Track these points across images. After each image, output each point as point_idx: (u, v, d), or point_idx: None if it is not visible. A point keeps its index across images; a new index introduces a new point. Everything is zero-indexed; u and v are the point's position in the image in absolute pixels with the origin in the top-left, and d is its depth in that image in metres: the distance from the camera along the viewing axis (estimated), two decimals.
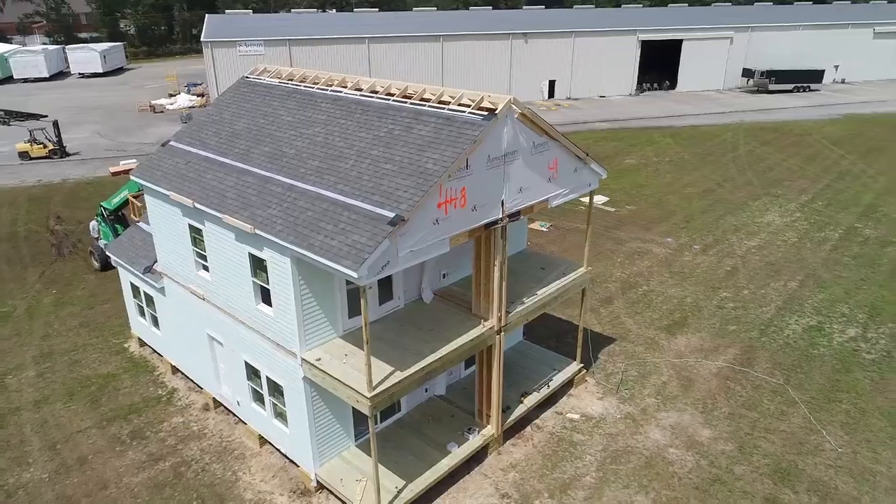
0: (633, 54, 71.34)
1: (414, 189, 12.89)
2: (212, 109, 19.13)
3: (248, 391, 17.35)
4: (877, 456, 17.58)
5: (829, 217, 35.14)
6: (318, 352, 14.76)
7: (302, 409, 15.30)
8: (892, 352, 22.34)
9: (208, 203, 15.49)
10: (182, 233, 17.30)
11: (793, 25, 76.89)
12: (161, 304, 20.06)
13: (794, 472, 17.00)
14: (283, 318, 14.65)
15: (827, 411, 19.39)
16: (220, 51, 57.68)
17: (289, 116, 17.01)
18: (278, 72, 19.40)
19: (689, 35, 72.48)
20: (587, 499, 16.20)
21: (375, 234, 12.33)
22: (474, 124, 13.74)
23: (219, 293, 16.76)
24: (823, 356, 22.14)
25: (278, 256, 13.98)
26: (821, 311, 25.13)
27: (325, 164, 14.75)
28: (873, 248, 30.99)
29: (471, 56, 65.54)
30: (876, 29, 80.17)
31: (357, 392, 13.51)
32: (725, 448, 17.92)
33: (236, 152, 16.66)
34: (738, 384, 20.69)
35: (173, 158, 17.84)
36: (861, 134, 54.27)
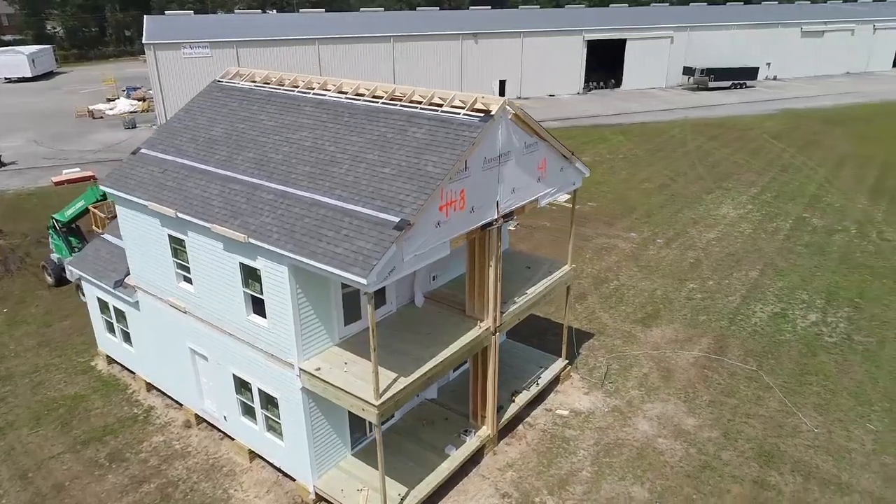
0: (579, 54, 72.83)
1: (417, 193, 12.75)
2: (183, 115, 18.41)
3: (236, 405, 16.79)
4: (850, 434, 18.51)
5: (778, 208, 36.79)
6: (316, 361, 14.43)
7: (299, 421, 14.92)
8: (852, 335, 23.57)
9: (193, 212, 14.90)
10: (161, 244, 16.59)
11: (727, 25, 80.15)
12: (134, 319, 19.18)
13: (776, 455, 17.71)
14: (278, 328, 14.24)
15: (799, 394, 20.28)
16: (164, 53, 55.64)
17: (271, 121, 16.55)
18: (252, 75, 18.86)
19: (632, 35, 74.52)
20: (586, 493, 16.43)
21: (381, 239, 12.14)
22: (471, 126, 13.71)
23: (203, 305, 16.15)
24: (790, 341, 23.16)
25: (274, 266, 13.58)
26: (782, 298, 26.28)
27: (317, 169, 14.42)
28: (822, 237, 32.62)
29: (422, 56, 65.46)
30: (803, 28, 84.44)
31: (363, 401, 13.28)
32: (711, 435, 18.51)
33: (218, 159, 16.09)
34: (714, 372, 21.40)
35: (147, 167, 17.08)
36: (797, 128, 57.06)
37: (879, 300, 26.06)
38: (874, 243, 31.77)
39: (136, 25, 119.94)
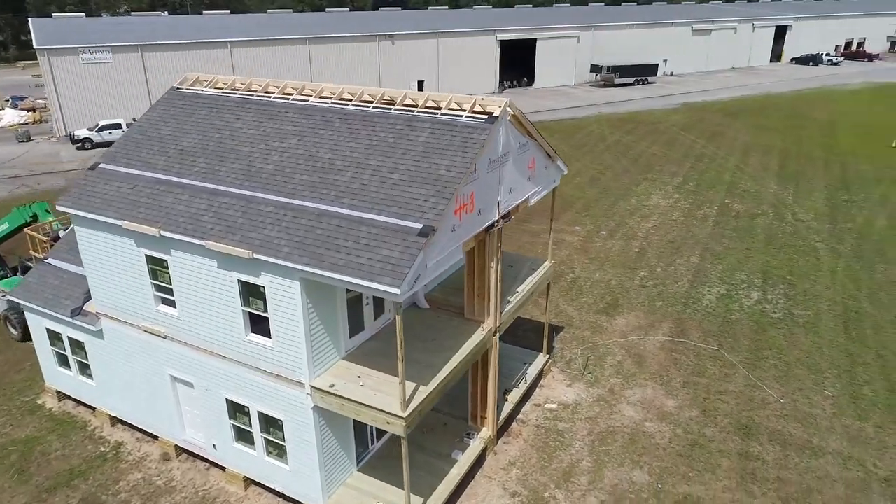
0: (493, 53, 74.24)
1: (435, 197, 12.55)
2: (144, 125, 17.10)
3: (229, 432, 15.83)
4: (811, 401, 20.07)
5: (702, 196, 39.23)
6: (327, 377, 13.87)
7: (309, 441, 14.30)
8: (791, 309, 25.56)
9: (180, 230, 13.88)
10: (135, 266, 15.33)
11: (627, 25, 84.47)
12: (97, 349, 17.62)
13: (753, 427, 18.90)
14: (287, 346, 13.57)
15: (760, 368, 21.75)
16: (60, 59, 51.36)
17: (251, 129, 15.70)
18: (215, 81, 17.82)
19: (541, 35, 76.86)
20: (591, 483, 16.83)
21: (408, 247, 11.85)
22: (478, 128, 13.66)
23: (190, 329, 15.09)
24: (741, 320, 24.78)
25: (283, 281, 12.91)
26: (724, 280, 28.06)
27: (316, 177, 13.85)
28: (746, 221, 35.12)
29: (339, 58, 64.35)
30: (693, 27, 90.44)
31: (388, 413, 12.92)
32: (691, 414, 19.48)
33: (198, 171, 15.08)
34: (681, 355, 22.53)
35: (111, 183, 15.73)
36: (702, 120, 61.05)
37: (807, 276, 28.40)
38: (791, 224, 34.59)
39: (10, 29, 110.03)
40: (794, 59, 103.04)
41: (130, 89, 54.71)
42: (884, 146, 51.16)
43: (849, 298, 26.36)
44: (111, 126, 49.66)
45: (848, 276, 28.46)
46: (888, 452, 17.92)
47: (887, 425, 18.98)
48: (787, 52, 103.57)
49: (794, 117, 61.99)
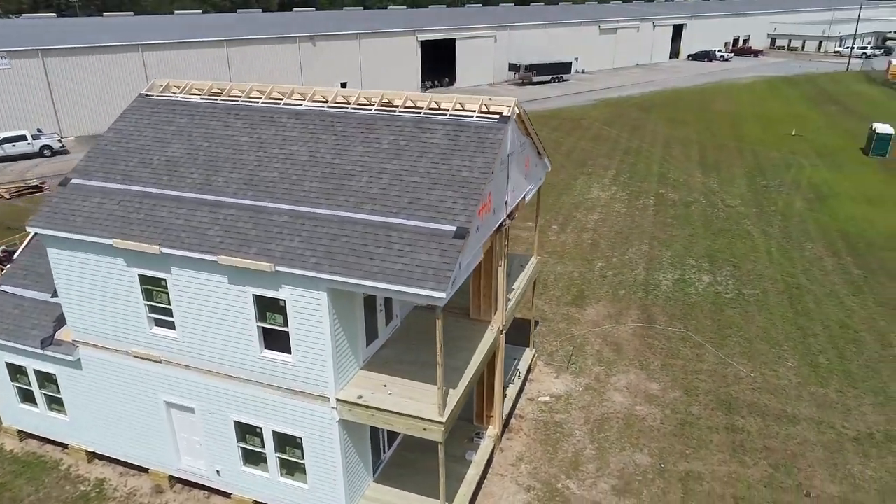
0: (414, 54, 74.27)
1: (464, 199, 12.49)
2: (114, 136, 15.86)
3: (236, 456, 15.03)
4: (777, 373, 21.58)
5: (637, 187, 41.12)
6: (350, 389, 13.48)
7: (333, 457, 13.85)
8: (741, 289, 27.34)
9: (184, 246, 13.02)
10: (125, 288, 14.22)
11: (541, 24, 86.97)
12: (72, 380, 16.20)
13: (732, 402, 20.10)
14: (310, 360, 13.06)
15: (726, 346, 23.14)
16: None
17: (243, 136, 14.95)
18: (189, 87, 16.82)
19: (460, 35, 77.68)
20: (598, 469, 17.32)
21: (446, 250, 11.73)
22: (492, 128, 13.71)
23: (192, 351, 14.20)
24: (699, 303, 26.24)
25: (307, 293, 12.42)
26: (676, 265, 29.60)
27: (329, 184, 13.40)
28: (682, 209, 37.16)
29: (259, 61, 62.22)
30: (601, 26, 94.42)
31: (425, 420, 12.75)
32: (675, 395, 20.44)
33: (191, 183, 14.19)
34: (653, 339, 23.58)
35: (90, 199, 14.50)
36: (621, 115, 63.89)
37: (748, 258, 30.47)
38: (723, 210, 36.95)
39: None
40: (691, 55, 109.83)
41: (32, 98, 50.43)
42: (784, 134, 55.59)
43: (787, 276, 28.52)
44: (14, 138, 45.63)
45: (782, 255, 30.78)
46: (852, 414, 19.58)
47: (846, 389, 20.73)
48: (684, 49, 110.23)
49: (702, 110, 66.11)
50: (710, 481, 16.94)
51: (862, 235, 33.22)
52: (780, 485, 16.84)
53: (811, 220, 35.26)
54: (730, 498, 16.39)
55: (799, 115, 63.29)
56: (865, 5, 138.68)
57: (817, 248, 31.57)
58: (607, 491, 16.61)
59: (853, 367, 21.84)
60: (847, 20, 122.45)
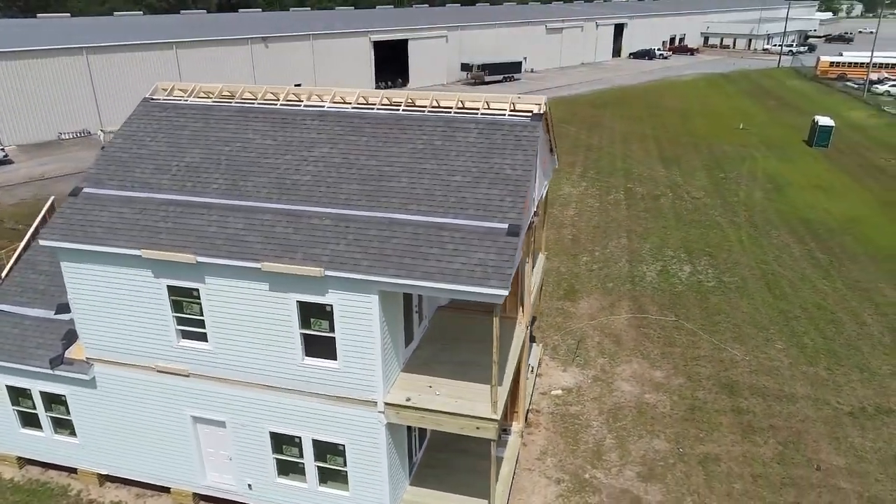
0: (368, 54, 73.76)
1: (511, 197, 12.59)
2: (124, 143, 15.15)
3: (270, 468, 14.63)
4: (769, 355, 22.62)
5: (606, 182, 42.17)
6: (396, 392, 13.37)
7: (378, 462, 13.70)
8: (721, 277, 28.48)
9: (222, 254, 12.59)
10: (151, 300, 13.61)
11: (490, 24, 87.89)
12: (85, 400, 15.37)
13: (733, 385, 20.94)
14: (357, 365, 12.87)
15: (717, 332, 24.07)
16: None
17: (267, 140, 14.56)
18: (196, 89, 16.24)
19: (412, 35, 77.62)
20: (621, 458, 17.73)
21: (503, 248, 11.79)
22: (526, 126, 13.85)
23: (225, 362, 13.74)
24: (684, 291, 27.18)
25: (358, 297, 12.23)
26: (656, 257, 30.54)
27: (368, 186, 13.22)
28: (651, 202, 38.36)
29: (210, 63, 60.39)
30: (547, 26, 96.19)
31: (479, 419, 12.79)
32: (679, 381, 21.13)
33: (218, 189, 13.71)
34: (649, 329, 24.29)
35: (108, 209, 13.80)
36: (576, 113, 65.26)
37: (721, 247, 31.75)
38: (690, 202, 38.36)
39: None
40: (632, 54, 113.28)
41: None
42: (732, 129, 58.13)
43: (761, 263, 29.90)
44: None
45: (752, 243, 32.24)
46: (843, 390, 20.74)
47: (833, 367, 21.93)
48: (625, 48, 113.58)
49: (652, 107, 68.32)
50: (727, 462, 17.62)
51: (821, 222, 35.16)
52: (792, 461, 17.67)
53: (772, 210, 37.05)
54: (748, 476, 17.09)
55: (742, 110, 66.28)
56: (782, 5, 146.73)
57: (783, 236, 33.21)
58: (633, 478, 17.04)
59: (836, 346, 23.12)
60: (772, 19, 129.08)
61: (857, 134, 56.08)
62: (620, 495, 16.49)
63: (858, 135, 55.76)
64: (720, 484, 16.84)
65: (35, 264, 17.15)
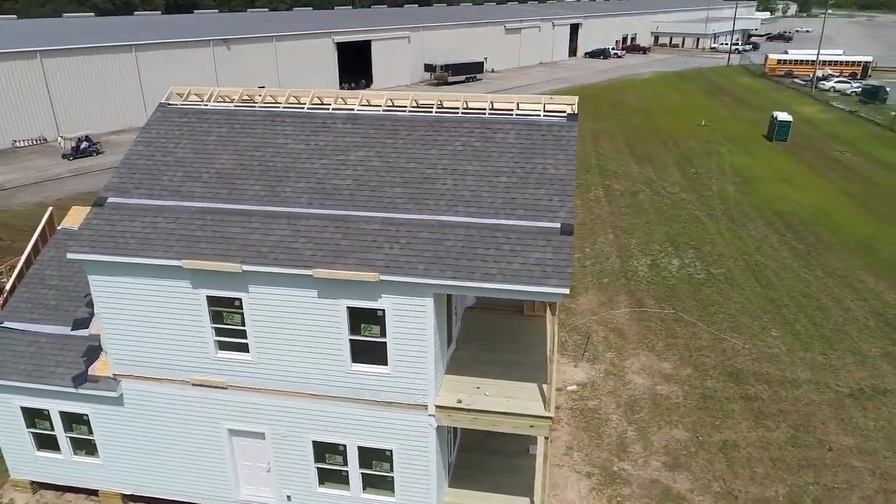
0: (331, 56, 73.00)
1: (559, 196, 12.74)
2: (145, 149, 14.62)
3: (311, 478, 14.39)
4: (767, 343, 23.49)
5: (583, 179, 42.88)
6: (445, 395, 13.35)
7: (426, 465, 13.66)
8: (709, 269, 29.39)
9: (270, 261, 12.32)
10: (189, 311, 13.20)
11: (451, 25, 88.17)
12: (110, 418, 14.77)
13: (738, 373, 21.67)
14: (409, 369, 12.80)
15: (715, 323, 24.85)
16: None
17: (300, 144, 14.29)
18: (214, 93, 15.82)
19: (374, 36, 77.18)
20: (645, 449, 18.14)
21: (559, 247, 11.93)
22: (564, 126, 14.03)
23: (267, 372, 13.44)
24: (677, 285, 27.94)
25: (412, 300, 12.17)
26: (645, 251, 31.29)
27: (413, 188, 13.15)
28: (631, 198, 39.25)
29: (172, 65, 58.63)
30: (506, 27, 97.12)
31: (532, 417, 12.91)
32: (687, 372, 21.73)
33: (255, 195, 13.39)
34: (650, 322, 24.88)
35: (138, 219, 13.31)
36: None
37: (705, 240, 32.76)
38: (668, 197, 39.43)
39: None
40: (587, 53, 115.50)
41: None
42: (695, 125, 59.99)
43: (744, 254, 30.99)
44: None
45: (732, 235, 33.37)
46: (840, 373, 21.73)
47: (828, 351, 22.94)
48: (580, 48, 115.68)
49: (616, 105, 69.83)
50: (745, 447, 18.23)
51: (793, 213, 36.68)
52: (805, 443, 18.42)
53: (746, 202, 38.44)
54: (767, 461, 17.73)
55: (701, 107, 68.44)
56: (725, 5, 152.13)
57: (759, 227, 34.50)
58: (660, 468, 17.46)
59: (827, 332, 24.19)
60: (717, 19, 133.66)
61: (811, 128, 58.67)
62: (651, 486, 16.87)
63: (812, 129, 58.35)
64: (742, 469, 17.42)
65: (43, 279, 16.38)
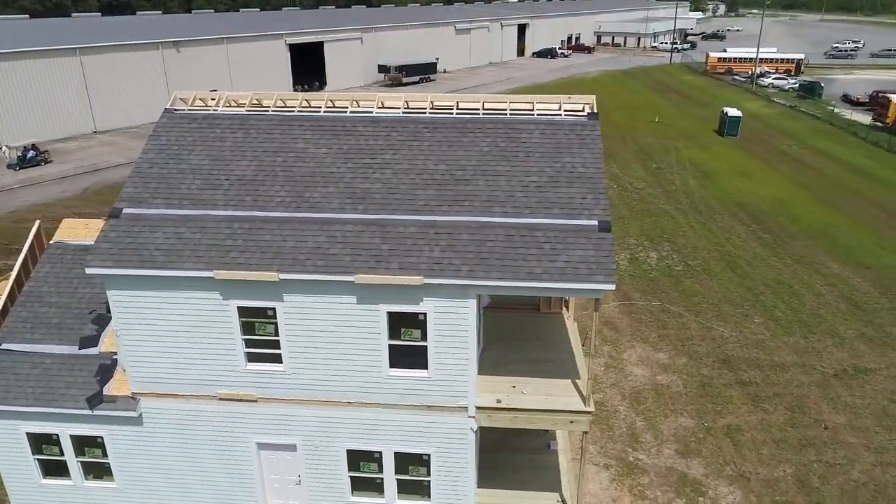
0: (284, 57, 71.66)
1: (592, 194, 12.94)
2: (156, 157, 14.01)
3: (345, 486, 14.15)
4: (751, 329, 24.48)
5: None
6: (484, 396, 13.36)
7: (466, 467, 13.65)
8: (686, 261, 30.39)
9: (310, 269, 12.04)
10: (218, 323, 12.75)
11: (403, 25, 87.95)
12: (128, 440, 14.10)
13: (730, 360, 22.51)
14: (449, 372, 12.75)
15: (700, 312, 25.73)
16: None
17: (321, 149, 14.00)
18: (222, 98, 15.33)
19: (327, 37, 76.21)
20: (656, 438, 18.64)
21: (599, 243, 12.12)
22: (587, 125, 14.25)
23: (301, 382, 13.13)
24: (659, 277, 28.78)
25: (455, 302, 12.14)
26: (622, 246, 32.07)
27: (445, 190, 13.09)
28: None
29: (120, 69, 56.29)
30: (456, 27, 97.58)
31: (573, 412, 13.07)
32: (682, 361, 22.44)
33: (281, 202, 13.04)
34: (640, 314, 25.54)
35: (160, 229, 12.76)
36: None
37: (677, 233, 33.84)
38: (636, 192, 40.52)
39: None
40: (535, 52, 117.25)
41: None
42: (648, 122, 61.81)
43: (717, 245, 32.19)
44: None
45: (702, 227, 34.60)
46: (823, 354, 22.87)
47: (808, 335, 24.11)
48: (528, 48, 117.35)
49: None
50: (748, 431, 18.97)
51: (754, 205, 38.31)
52: (802, 423, 19.32)
53: (709, 196, 39.91)
54: (771, 442, 18.51)
55: (652, 104, 70.57)
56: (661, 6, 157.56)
57: (726, 219, 35.89)
58: (673, 455, 17.97)
59: (804, 317, 25.41)
60: (656, 18, 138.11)
61: (757, 123, 61.36)
62: (667, 473, 17.35)
63: (758, 123, 61.04)
64: (749, 452, 18.12)
65: (41, 296, 15.47)
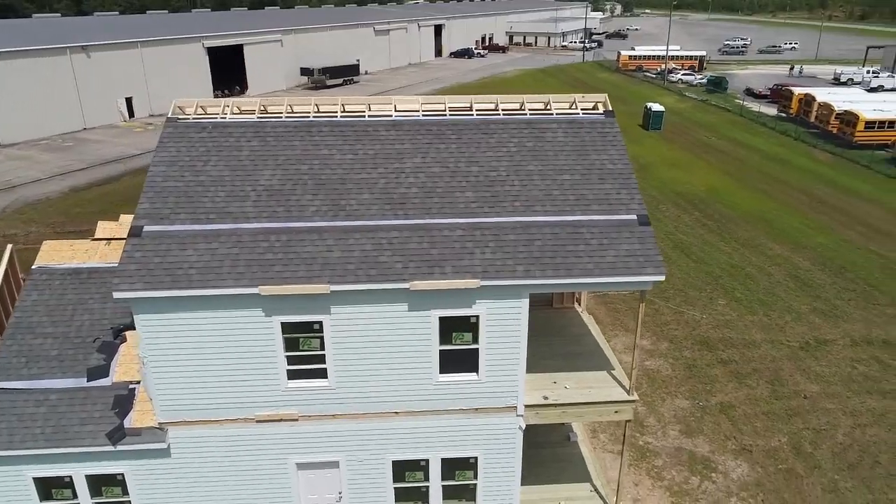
0: (203, 61, 68.55)
1: (626, 189, 13.32)
2: (168, 170, 13.10)
3: (390, 498, 13.85)
4: (719, 311, 25.93)
5: None
6: (530, 394, 13.48)
7: (512, 466, 13.73)
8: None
9: (362, 278, 11.68)
10: (259, 341, 12.13)
11: (324, 27, 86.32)
12: (153, 474, 13.12)
13: (708, 341, 23.80)
14: (499, 374, 12.78)
15: (670, 299, 26.98)
16: None
17: (346, 155, 13.58)
18: (228, 105, 14.58)
19: (246, 40, 73.58)
20: (659, 421, 19.44)
21: (642, 237, 12.53)
22: (606, 123, 14.64)
23: (347, 396, 12.73)
24: None
25: (509, 303, 12.18)
26: None
27: (483, 192, 13.07)
28: None
29: (21, 78, 51.81)
30: (375, 28, 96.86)
31: (618, 402, 13.44)
32: (665, 346, 23.49)
33: (316, 210, 12.56)
34: (613, 304, 26.49)
35: (192, 246, 11.95)
36: None
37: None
38: None
39: None
40: (452, 53, 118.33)
41: None
42: None
43: (668, 234, 33.83)
44: None
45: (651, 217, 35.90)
46: (786, 329, 24.61)
47: (769, 312, 25.87)
48: (445, 48, 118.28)
49: None
50: (739, 406, 20.15)
51: (692, 194, 40.57)
52: (784, 395, 20.73)
53: (650, 186, 41.83)
54: (761, 415, 19.74)
55: None
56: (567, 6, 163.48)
57: (670, 208, 37.81)
58: (678, 436, 18.80)
59: (761, 296, 27.23)
60: (564, 19, 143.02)
61: (675, 116, 64.88)
62: (677, 453, 18.13)
63: (676, 117, 64.56)
64: (745, 426, 19.25)
65: (32, 327, 14.12)
